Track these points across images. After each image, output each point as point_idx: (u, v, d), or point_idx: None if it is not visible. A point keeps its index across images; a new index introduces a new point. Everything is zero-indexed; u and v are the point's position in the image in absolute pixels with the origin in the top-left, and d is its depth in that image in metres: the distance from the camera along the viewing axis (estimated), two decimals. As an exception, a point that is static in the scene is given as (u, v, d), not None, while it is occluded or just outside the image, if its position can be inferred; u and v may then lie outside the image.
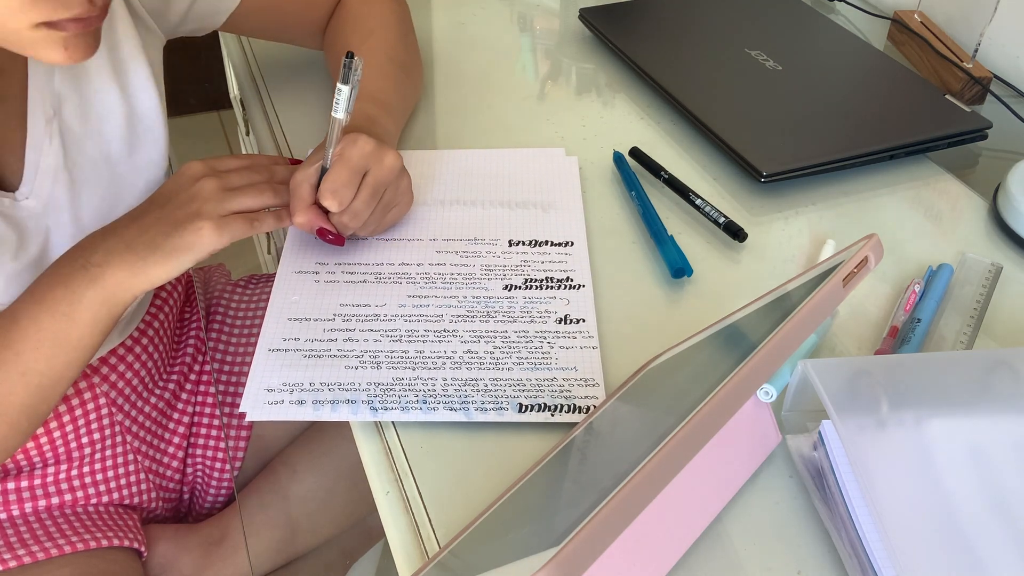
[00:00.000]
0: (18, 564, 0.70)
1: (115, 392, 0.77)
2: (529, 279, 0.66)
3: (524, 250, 0.69)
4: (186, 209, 0.62)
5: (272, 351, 0.61)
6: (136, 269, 0.60)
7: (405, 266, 0.67)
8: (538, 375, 0.59)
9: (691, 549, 0.49)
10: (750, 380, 0.43)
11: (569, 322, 0.63)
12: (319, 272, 0.67)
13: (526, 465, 0.53)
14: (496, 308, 0.64)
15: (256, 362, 0.60)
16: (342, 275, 0.67)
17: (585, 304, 0.64)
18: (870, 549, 0.45)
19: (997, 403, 0.52)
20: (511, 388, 0.58)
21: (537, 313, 0.63)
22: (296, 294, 0.65)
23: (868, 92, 0.83)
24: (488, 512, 0.49)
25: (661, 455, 0.38)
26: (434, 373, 0.59)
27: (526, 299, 0.65)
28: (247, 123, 1.01)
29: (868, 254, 0.49)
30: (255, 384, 0.58)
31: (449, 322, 0.63)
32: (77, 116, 0.66)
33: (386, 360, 0.60)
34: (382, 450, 0.56)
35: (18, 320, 0.60)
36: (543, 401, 0.57)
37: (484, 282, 0.66)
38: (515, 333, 0.62)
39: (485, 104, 0.88)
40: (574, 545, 0.34)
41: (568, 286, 0.66)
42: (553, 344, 0.61)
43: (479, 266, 0.67)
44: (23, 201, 0.63)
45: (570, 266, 0.67)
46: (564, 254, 0.69)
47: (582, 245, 0.69)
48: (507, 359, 0.60)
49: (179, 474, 0.85)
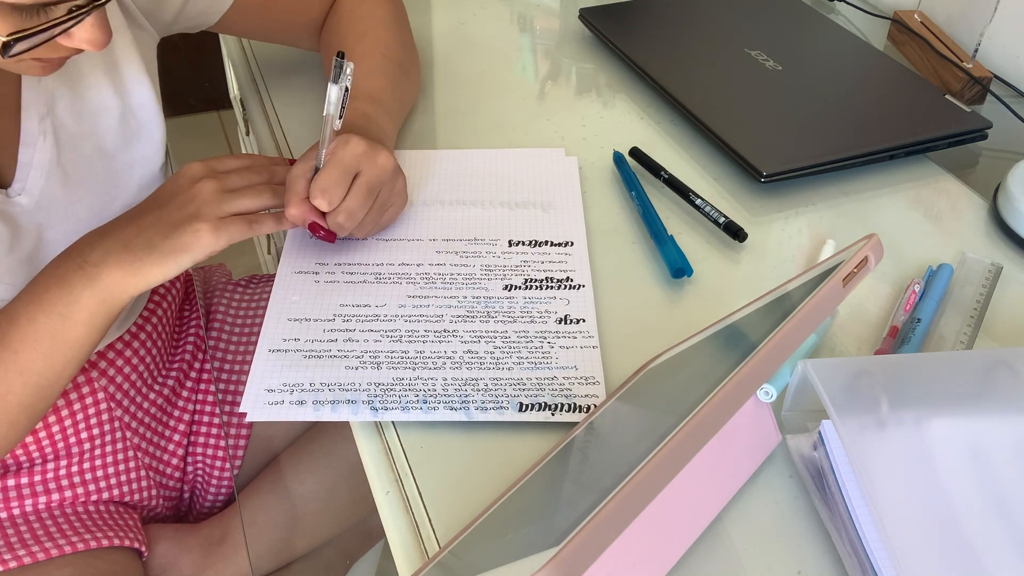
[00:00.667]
0: (18, 564, 0.70)
1: (113, 387, 0.77)
2: (529, 279, 0.66)
3: (524, 250, 0.69)
4: (184, 210, 0.62)
5: (272, 351, 0.61)
6: (133, 269, 0.60)
7: (405, 266, 0.68)
8: (538, 374, 0.59)
9: (691, 549, 0.49)
10: (750, 380, 0.43)
11: (569, 322, 0.63)
12: (319, 272, 0.67)
13: (526, 465, 0.53)
14: (496, 308, 0.64)
15: (256, 362, 0.60)
16: (342, 275, 0.67)
17: (585, 304, 0.64)
18: (870, 549, 0.45)
19: (997, 403, 0.52)
20: (511, 387, 0.58)
21: (537, 313, 0.63)
22: (296, 294, 0.65)
23: (868, 92, 0.83)
24: (488, 512, 0.49)
25: (661, 455, 0.38)
26: (434, 373, 0.59)
27: (526, 299, 0.65)
28: (247, 123, 1.01)
29: (868, 254, 0.49)
30: (255, 384, 0.58)
31: (449, 322, 0.63)
32: (71, 113, 0.66)
33: (386, 360, 0.60)
34: (382, 450, 0.56)
35: (16, 319, 0.60)
36: (543, 400, 0.57)
37: (484, 282, 0.66)
38: (515, 333, 0.62)
39: (485, 104, 0.88)
40: (574, 545, 0.34)
41: (568, 286, 0.66)
42: (553, 344, 0.61)
43: (479, 266, 0.67)
44: (16, 197, 0.63)
45: (570, 266, 0.67)
46: (564, 254, 0.69)
47: (582, 245, 0.69)
48: (507, 359, 0.60)
49: (179, 472, 0.85)
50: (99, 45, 0.53)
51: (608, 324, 0.63)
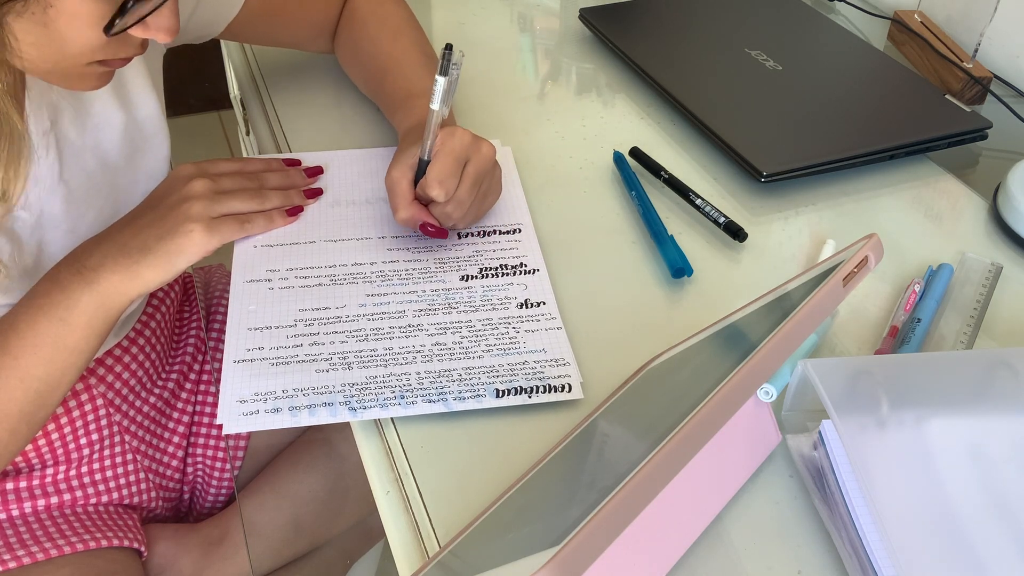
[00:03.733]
0: (18, 565, 0.70)
1: (112, 392, 0.77)
2: (484, 268, 0.67)
3: (473, 240, 0.70)
4: (177, 211, 0.62)
5: (238, 362, 0.60)
6: (131, 273, 0.60)
7: (359, 266, 0.67)
8: (509, 360, 0.59)
9: (691, 549, 0.49)
10: (750, 380, 0.43)
11: (529, 306, 0.63)
12: (271, 280, 0.66)
13: (527, 465, 0.53)
14: (456, 299, 0.64)
15: (224, 375, 0.59)
16: (296, 280, 0.66)
17: (543, 287, 0.65)
18: (870, 549, 0.45)
19: (997, 403, 0.52)
20: (485, 375, 0.58)
21: (497, 300, 0.64)
22: (252, 303, 0.64)
23: (868, 92, 0.83)
24: (488, 511, 0.49)
25: (661, 455, 0.38)
26: (406, 368, 0.59)
27: (484, 288, 0.65)
28: (247, 123, 1.01)
29: (868, 254, 0.49)
30: (227, 396, 0.58)
31: (412, 317, 0.63)
32: (75, 126, 0.65)
33: (356, 360, 0.60)
34: (382, 450, 0.56)
35: (16, 326, 0.60)
36: (519, 384, 0.57)
37: (440, 275, 0.66)
38: (479, 321, 0.62)
39: (485, 104, 0.88)
40: (574, 545, 0.34)
41: (523, 271, 0.67)
42: (519, 328, 0.62)
43: (432, 259, 0.68)
44: (17, 212, 0.63)
45: (521, 252, 0.68)
46: (514, 240, 0.69)
47: (530, 230, 0.70)
48: (476, 347, 0.60)
49: (179, 473, 0.85)
50: (172, 33, 0.54)
51: (608, 324, 0.63)
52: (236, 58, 0.98)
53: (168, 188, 0.65)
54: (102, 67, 0.55)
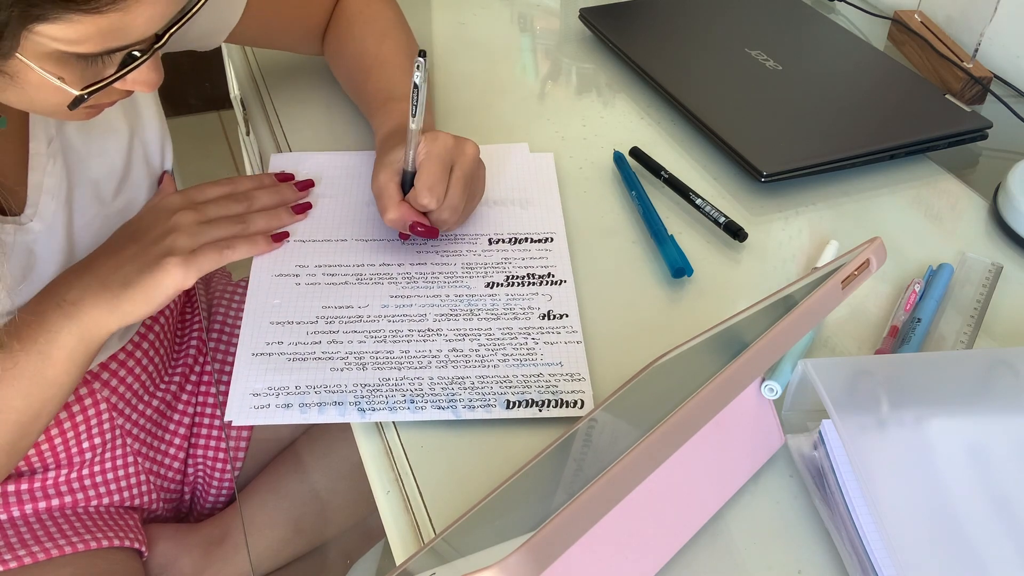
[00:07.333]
0: (19, 564, 0.70)
1: (115, 397, 0.77)
2: (510, 276, 0.66)
3: (504, 248, 0.69)
4: (160, 246, 0.62)
5: (256, 355, 0.60)
6: (111, 307, 0.60)
7: (386, 266, 0.67)
8: (524, 371, 0.59)
9: (691, 548, 0.49)
10: (739, 376, 0.43)
11: (552, 318, 0.63)
12: (299, 275, 0.67)
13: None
14: (479, 306, 0.64)
15: (239, 367, 0.59)
16: (323, 277, 0.66)
17: (567, 299, 0.64)
18: (870, 549, 0.45)
19: (997, 403, 0.52)
20: (498, 385, 0.58)
21: (520, 310, 0.64)
22: (277, 298, 0.65)
23: (868, 92, 0.83)
24: (482, 502, 0.49)
25: (645, 444, 0.38)
26: (420, 372, 0.59)
27: (508, 296, 0.65)
28: (247, 123, 1.00)
29: (870, 256, 0.49)
30: (239, 389, 0.58)
31: (433, 321, 0.63)
32: (79, 134, 0.65)
33: (371, 361, 0.60)
34: (382, 450, 0.56)
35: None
36: (530, 397, 0.57)
37: (466, 280, 0.66)
38: (499, 330, 0.62)
39: (485, 104, 0.88)
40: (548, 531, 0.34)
41: (549, 282, 0.66)
42: (538, 340, 0.61)
43: (460, 264, 0.67)
44: (28, 224, 0.62)
45: (551, 262, 0.68)
46: (544, 250, 0.69)
47: (562, 241, 0.70)
48: (492, 356, 0.60)
49: (180, 474, 0.85)
50: (153, 86, 0.54)
51: (608, 324, 0.63)
52: (236, 58, 0.98)
53: (153, 221, 0.65)
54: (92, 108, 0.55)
